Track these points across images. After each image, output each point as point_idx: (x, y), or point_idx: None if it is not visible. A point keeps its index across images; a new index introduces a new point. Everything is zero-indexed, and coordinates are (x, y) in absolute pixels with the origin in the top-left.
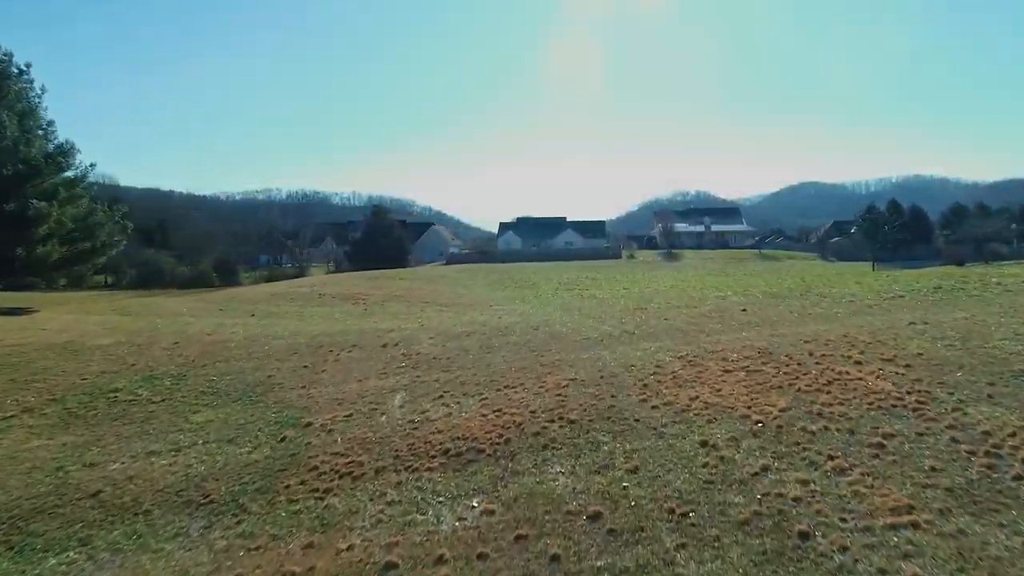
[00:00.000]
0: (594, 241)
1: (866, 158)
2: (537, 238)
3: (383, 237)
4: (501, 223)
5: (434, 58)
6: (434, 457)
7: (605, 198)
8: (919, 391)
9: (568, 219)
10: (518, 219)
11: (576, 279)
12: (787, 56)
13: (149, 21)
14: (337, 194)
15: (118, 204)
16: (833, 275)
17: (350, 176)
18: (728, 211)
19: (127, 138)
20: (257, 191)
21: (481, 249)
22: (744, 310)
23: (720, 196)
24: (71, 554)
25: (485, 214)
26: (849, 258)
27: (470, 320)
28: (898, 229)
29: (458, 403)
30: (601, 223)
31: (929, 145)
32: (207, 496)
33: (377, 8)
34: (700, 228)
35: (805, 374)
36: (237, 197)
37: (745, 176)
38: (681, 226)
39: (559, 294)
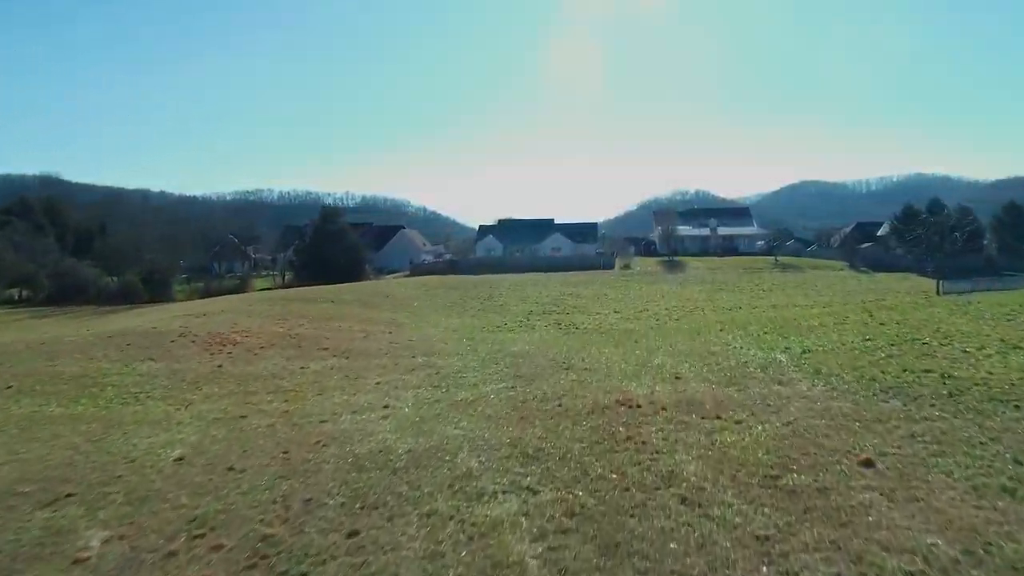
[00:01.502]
0: (585, 247)
1: (867, 157)
2: (520, 243)
3: (333, 244)
4: (481, 226)
5: (433, 58)
6: None
7: (604, 198)
8: None
9: (556, 221)
10: (500, 221)
11: (557, 298)
12: (787, 56)
13: (149, 21)
14: (330, 194)
15: None
16: (909, 306)
17: (350, 176)
18: (736, 212)
19: (127, 138)
20: (249, 192)
21: (462, 253)
22: (869, 463)
23: (720, 196)
24: None
25: (483, 214)
26: (885, 267)
27: (303, 435)
28: (968, 236)
29: None
30: (593, 226)
31: (930, 144)
32: None
33: (377, 8)
34: (705, 231)
35: None
36: (228, 198)
37: (745, 175)
38: (684, 229)
39: (531, 322)
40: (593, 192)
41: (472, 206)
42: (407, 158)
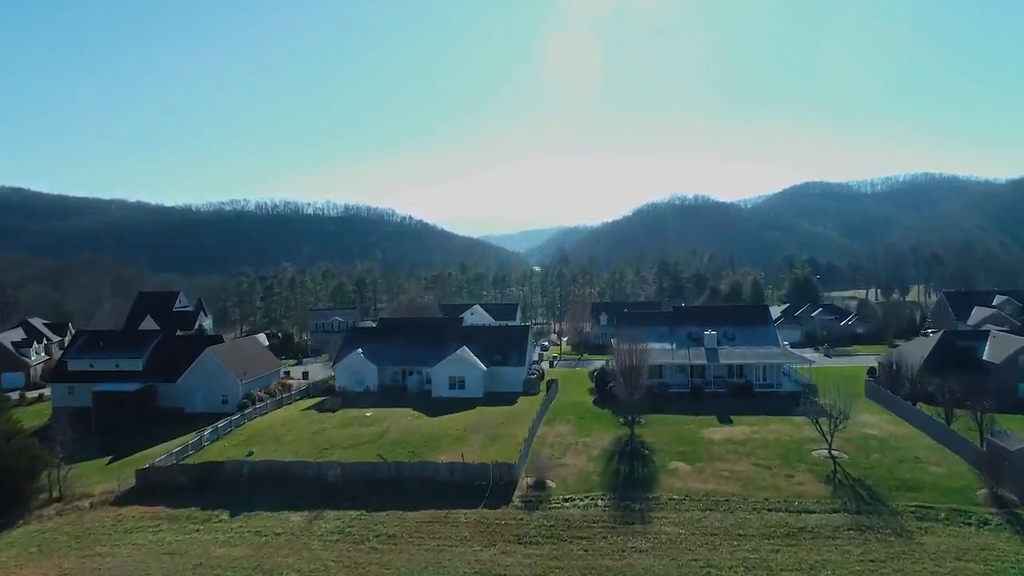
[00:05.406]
0: (506, 370)
1: (871, 157)
2: (406, 363)
3: None
4: (354, 328)
5: (425, 60)
6: None
7: (600, 200)
8: None
9: (467, 322)
10: (381, 320)
11: None
12: (788, 53)
13: (129, 28)
14: (310, 204)
15: None
16: None
17: (332, 183)
18: (750, 315)
19: (107, 148)
20: (224, 202)
21: (314, 396)
22: None
23: (721, 199)
24: None
25: (476, 221)
26: None
27: None
28: None
29: None
30: (521, 331)
31: (936, 141)
32: None
33: (372, 10)
34: (698, 357)
35: None
36: (203, 209)
37: (746, 177)
38: (663, 349)
39: None
40: (589, 196)
41: (463, 213)
42: (393, 165)
